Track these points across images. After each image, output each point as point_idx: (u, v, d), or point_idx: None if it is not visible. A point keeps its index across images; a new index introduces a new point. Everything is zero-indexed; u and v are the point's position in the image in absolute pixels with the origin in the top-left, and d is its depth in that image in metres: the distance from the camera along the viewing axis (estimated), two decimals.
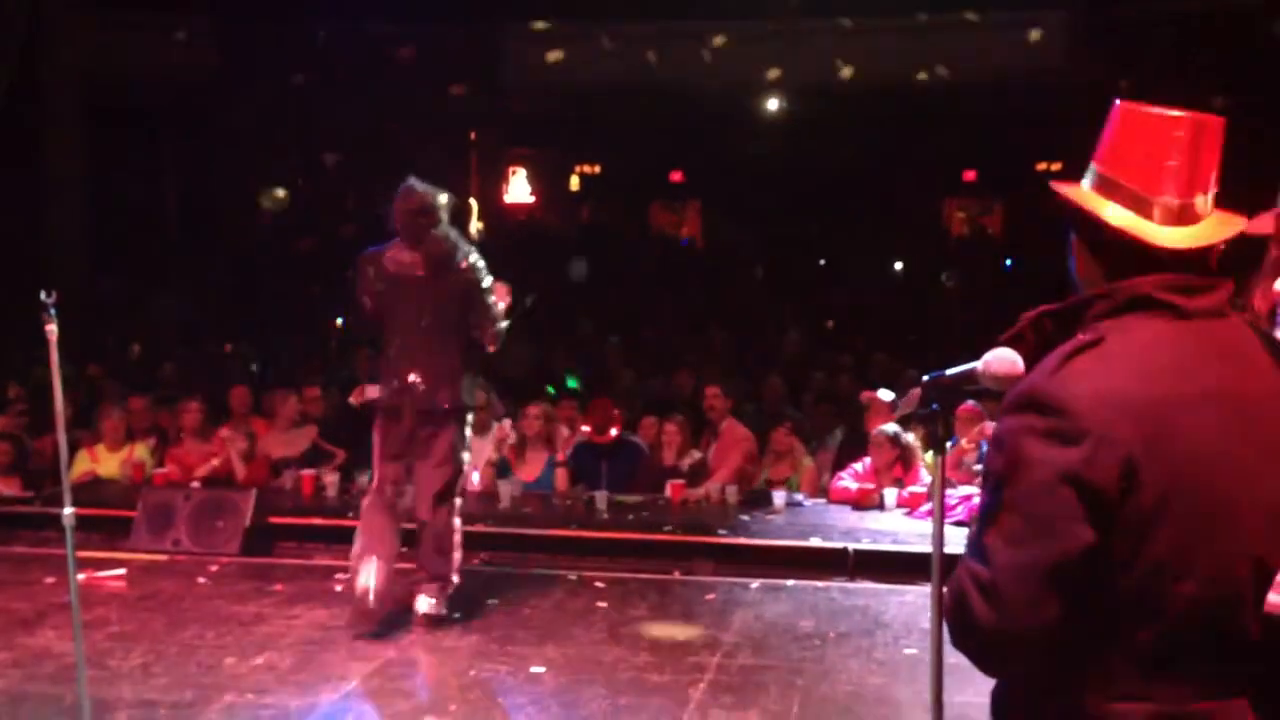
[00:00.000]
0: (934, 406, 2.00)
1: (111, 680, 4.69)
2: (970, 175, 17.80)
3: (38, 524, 6.93)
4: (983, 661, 1.67)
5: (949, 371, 1.95)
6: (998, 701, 1.78)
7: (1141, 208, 1.71)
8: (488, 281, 5.50)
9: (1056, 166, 15.10)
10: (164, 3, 12.71)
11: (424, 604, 5.47)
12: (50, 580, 6.09)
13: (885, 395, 7.78)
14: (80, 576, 5.32)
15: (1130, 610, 1.59)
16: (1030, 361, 1.73)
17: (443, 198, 5.53)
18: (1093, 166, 1.78)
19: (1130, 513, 1.56)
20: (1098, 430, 1.56)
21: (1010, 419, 1.64)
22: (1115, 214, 1.71)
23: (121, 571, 6.39)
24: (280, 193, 12.90)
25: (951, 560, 1.87)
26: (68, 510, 3.86)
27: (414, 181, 5.54)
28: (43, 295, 3.79)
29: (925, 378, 1.99)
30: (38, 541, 6.76)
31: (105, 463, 8.28)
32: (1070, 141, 1.75)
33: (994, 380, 1.80)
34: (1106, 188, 1.74)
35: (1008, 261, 16.01)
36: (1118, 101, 1.79)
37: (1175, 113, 1.73)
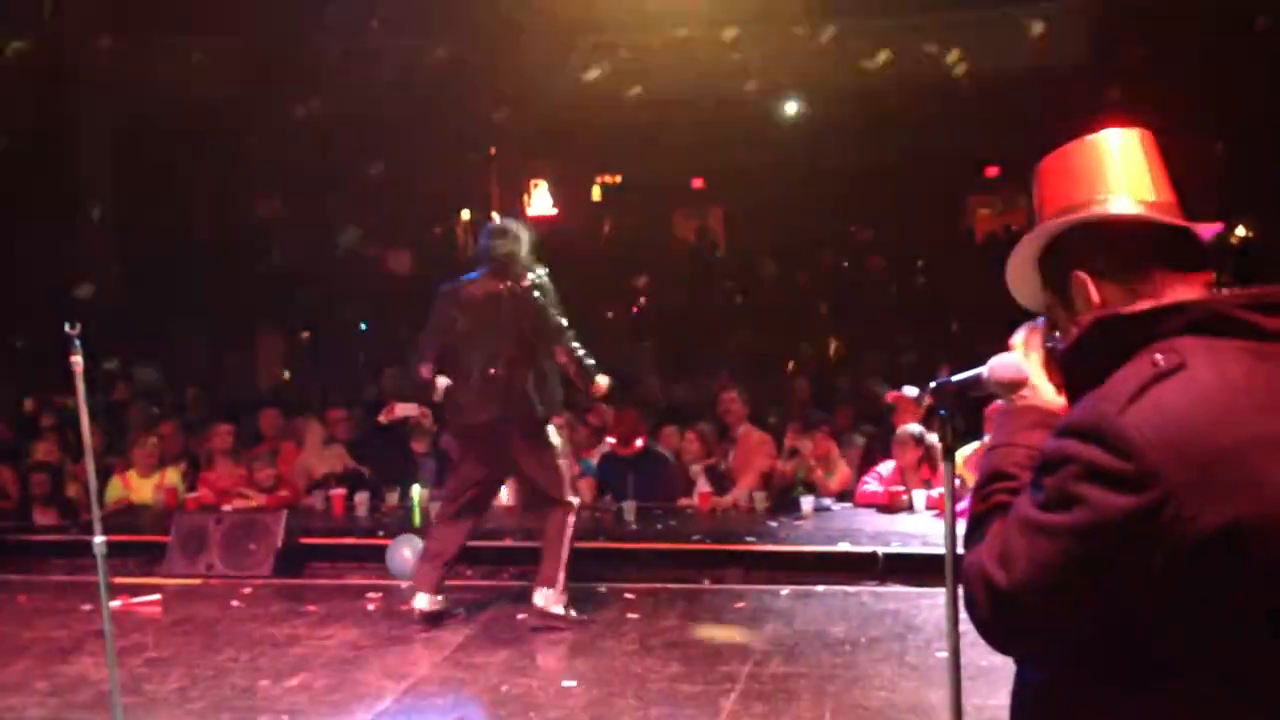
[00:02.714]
0: (942, 412, 1.99)
1: (148, 706, 4.73)
2: (993, 171, 17.70)
3: (73, 552, 7.00)
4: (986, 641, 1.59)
5: (955, 378, 1.94)
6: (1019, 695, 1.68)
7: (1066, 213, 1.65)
8: (551, 300, 5.79)
9: None
10: (187, 26, 12.83)
11: (541, 598, 5.71)
12: (87, 608, 6.15)
13: (911, 393, 7.76)
14: (116, 603, 5.41)
15: (1176, 659, 1.46)
16: (1086, 370, 1.57)
17: (525, 232, 5.89)
18: (1041, 226, 1.69)
19: (1199, 565, 1.41)
20: (1168, 483, 1.40)
21: (1071, 444, 1.48)
22: (1098, 209, 1.63)
23: (156, 596, 6.45)
24: (358, 233, 12.98)
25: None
26: (99, 539, 3.91)
27: (505, 221, 5.99)
28: (67, 328, 3.85)
29: (931, 384, 1.98)
30: (74, 570, 6.84)
31: (138, 489, 8.37)
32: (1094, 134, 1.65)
33: (999, 386, 1.79)
34: (1038, 231, 1.68)
35: None
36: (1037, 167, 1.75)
37: (1091, 135, 1.70)
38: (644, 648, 5.40)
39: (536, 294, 5.72)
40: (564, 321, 5.82)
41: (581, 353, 5.88)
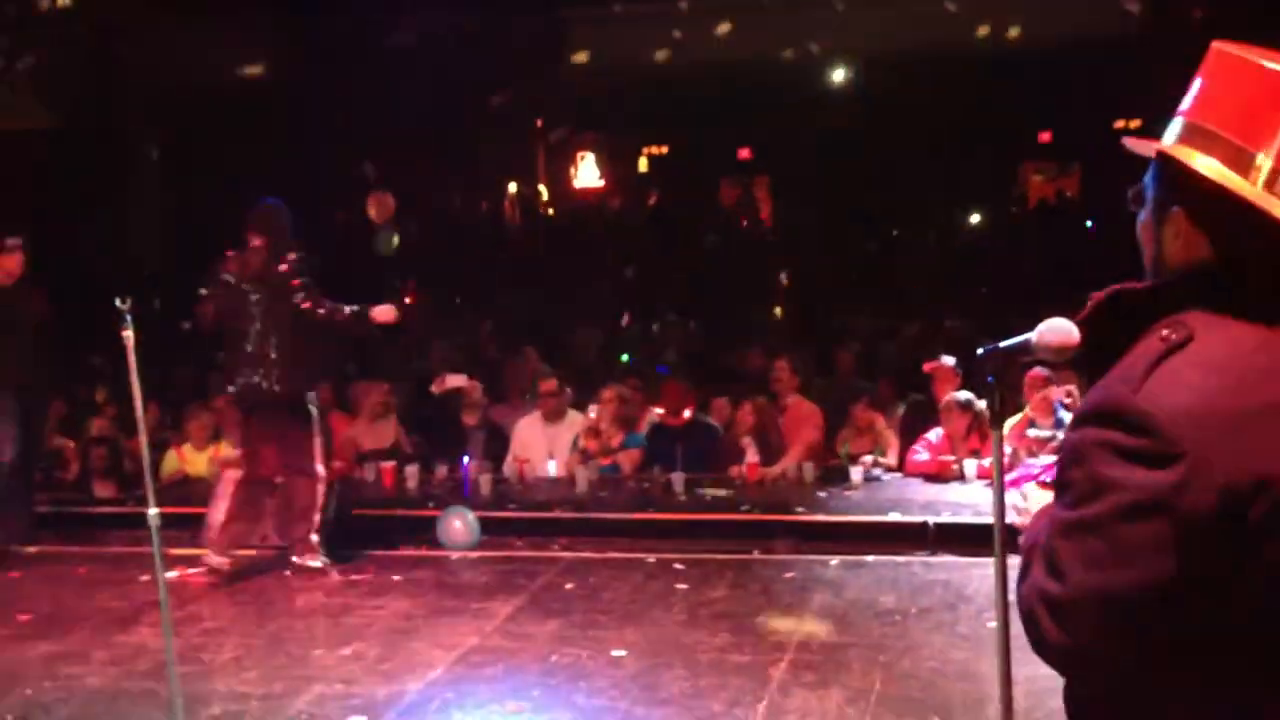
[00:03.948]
0: (990, 379, 1.95)
1: (204, 675, 4.81)
2: (1046, 136, 17.43)
3: (131, 524, 7.10)
4: (1061, 671, 1.53)
5: (1003, 344, 1.90)
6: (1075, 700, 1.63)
7: (1240, 163, 1.48)
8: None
9: (1136, 124, 14.71)
10: (231, 8, 12.91)
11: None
12: (144, 579, 6.26)
13: (949, 361, 7.71)
14: (172, 574, 5.50)
15: (1232, 634, 1.44)
16: (1102, 344, 1.55)
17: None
18: (1179, 119, 1.56)
19: (1236, 537, 1.39)
20: (1193, 452, 1.38)
21: (1091, 431, 1.45)
22: (1207, 165, 1.49)
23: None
24: (395, 239, 13.01)
25: (1017, 531, 1.79)
26: (153, 511, 3.97)
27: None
28: (117, 302, 3.89)
29: (979, 351, 1.95)
30: (132, 541, 6.91)
31: (193, 462, 8.48)
32: (1150, 97, 1.54)
33: (1049, 351, 1.76)
34: (1198, 138, 1.52)
35: (1088, 223, 15.67)
36: (1213, 44, 1.56)
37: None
38: (693, 618, 5.41)
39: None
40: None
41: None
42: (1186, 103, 1.56)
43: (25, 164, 11.39)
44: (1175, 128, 1.55)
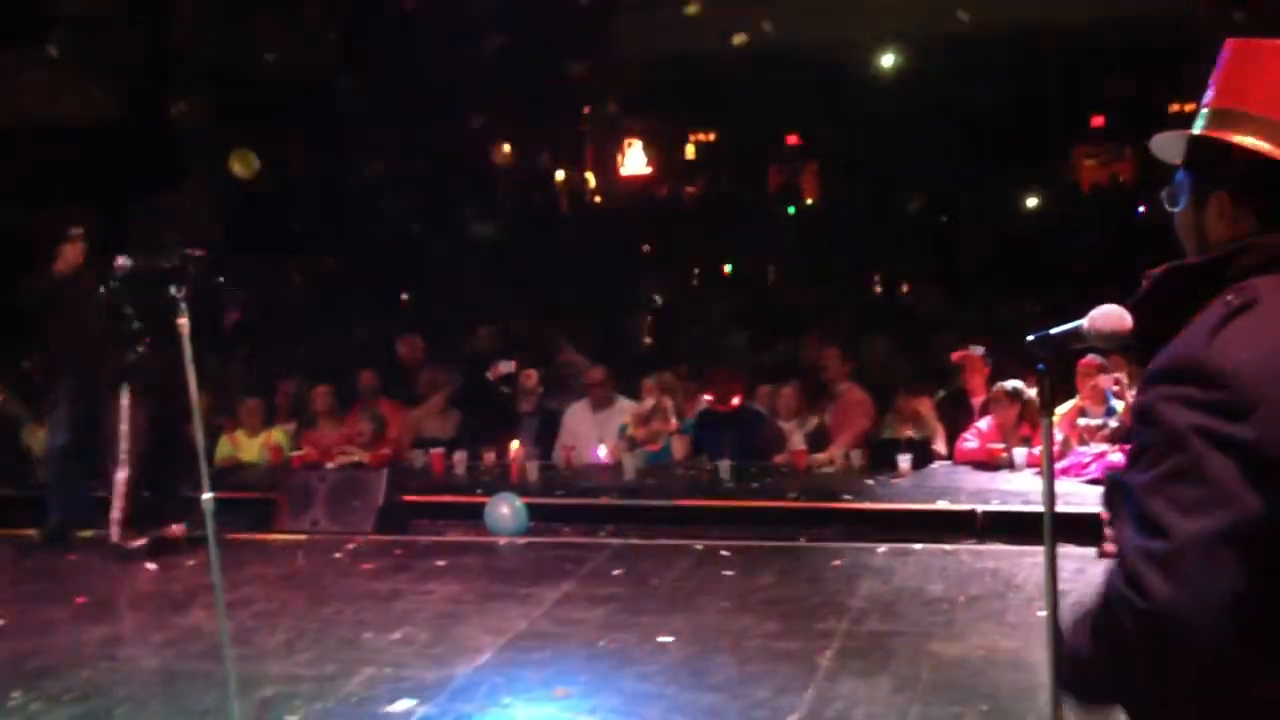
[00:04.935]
0: (1040, 366, 1.93)
1: (257, 657, 4.88)
2: (1099, 121, 17.17)
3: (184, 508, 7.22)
4: (1154, 660, 1.46)
5: (1054, 330, 1.89)
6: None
7: (1276, 136, 1.54)
8: None
9: (1190, 108, 14.47)
10: None
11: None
12: (190, 564, 6.38)
13: (978, 351, 7.65)
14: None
15: None
16: (1158, 323, 1.58)
17: None
18: (1204, 111, 1.62)
19: None
20: (1265, 404, 1.41)
21: (1163, 389, 1.47)
22: (1247, 140, 1.54)
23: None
24: (491, 229, 13.04)
25: (1069, 520, 1.78)
26: (207, 495, 4.03)
27: None
28: (172, 290, 3.95)
29: (1030, 337, 1.93)
30: (186, 525, 7.03)
31: (246, 447, 8.61)
32: (1203, 81, 1.56)
33: (1100, 337, 1.74)
34: (1228, 122, 1.58)
35: (1139, 209, 15.44)
36: (1228, 40, 1.64)
37: None
38: (741, 604, 5.41)
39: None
40: None
41: None
42: (1209, 95, 1.61)
43: (86, 153, 11.56)
44: (1201, 120, 1.61)
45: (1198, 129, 1.62)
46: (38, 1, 11.32)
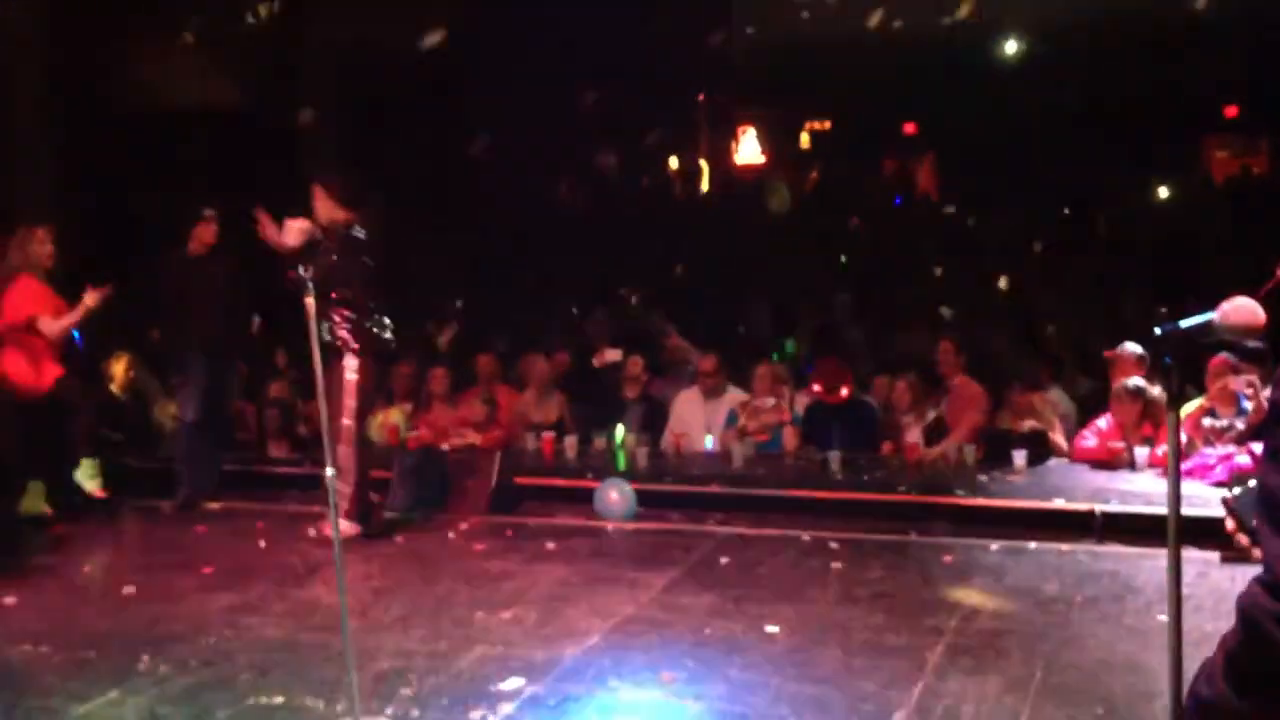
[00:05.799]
0: (1167, 360, 1.88)
1: (373, 631, 5.01)
2: (1232, 111, 16.56)
3: (305, 484, 7.45)
4: None
5: (1183, 323, 1.84)
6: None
7: None
8: None
9: None
10: None
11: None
12: (311, 535, 6.56)
13: (1132, 349, 7.42)
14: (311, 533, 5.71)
15: None
16: None
17: None
18: None
19: None
20: None
21: None
22: None
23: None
24: (786, 193, 13.09)
25: (1192, 522, 1.73)
26: (330, 471, 4.14)
27: None
28: (300, 271, 4.07)
29: (1157, 330, 1.88)
30: (307, 500, 7.26)
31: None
32: None
33: (1232, 331, 1.69)
34: None
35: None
36: None
37: None
38: (848, 597, 5.38)
39: None
40: None
41: None
42: None
43: (217, 140, 11.95)
44: None
45: None
46: None
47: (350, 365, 6.38)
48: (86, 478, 7.59)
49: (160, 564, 6.29)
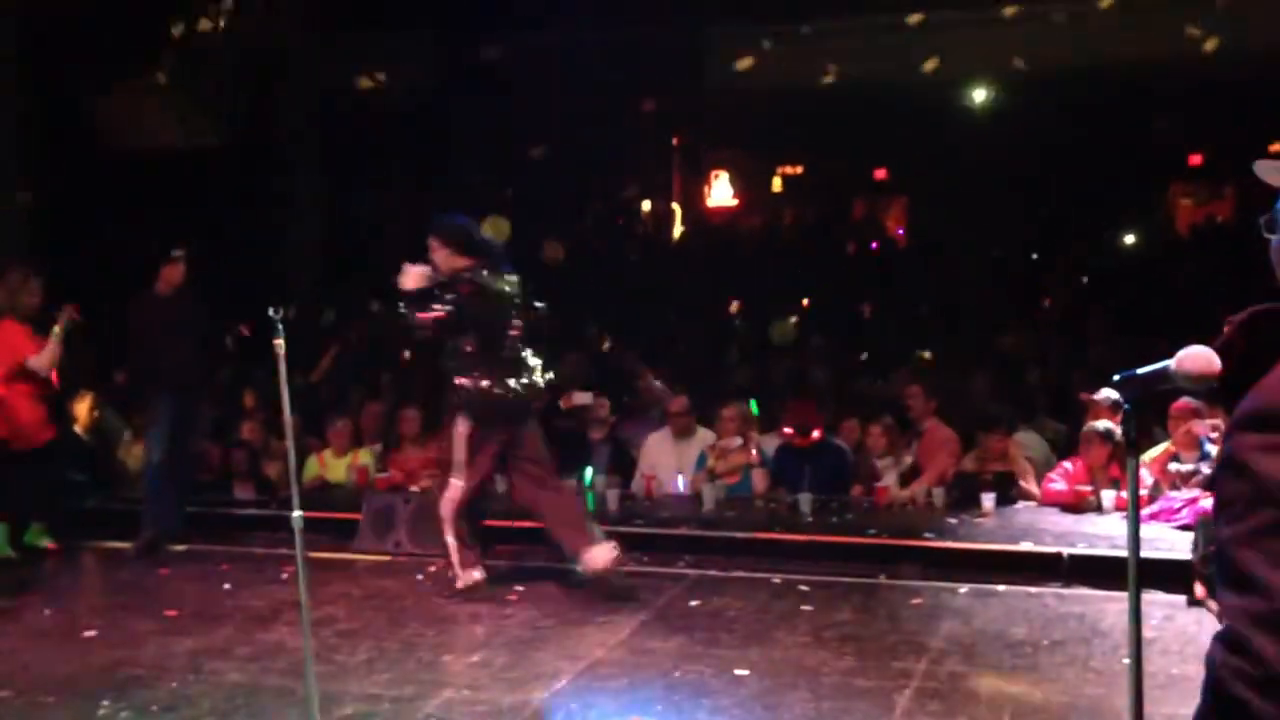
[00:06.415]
0: (1126, 407, 1.91)
1: (339, 674, 4.96)
2: (1197, 159, 16.83)
3: (271, 526, 7.38)
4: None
5: (1140, 371, 1.87)
6: None
7: None
8: None
9: None
10: (389, 22, 13.34)
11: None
12: (283, 578, 6.49)
13: (1107, 393, 7.48)
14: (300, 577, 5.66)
15: None
16: (1242, 368, 1.54)
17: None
18: None
19: None
20: None
21: (1251, 437, 1.41)
22: None
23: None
24: (791, 325, 13.01)
25: (1157, 565, 1.75)
26: (297, 514, 4.11)
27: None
28: (270, 312, 4.05)
29: (1115, 377, 1.91)
30: (273, 543, 7.19)
31: (333, 468, 8.77)
32: None
33: (1188, 379, 1.72)
34: None
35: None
36: None
37: None
38: (817, 640, 5.38)
39: None
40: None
41: None
42: None
43: (187, 179, 11.94)
44: None
45: None
46: (149, 30, 11.73)
47: (462, 421, 6.15)
48: (35, 536, 7.50)
49: (122, 606, 6.22)
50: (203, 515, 7.92)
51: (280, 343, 4.09)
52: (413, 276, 6.11)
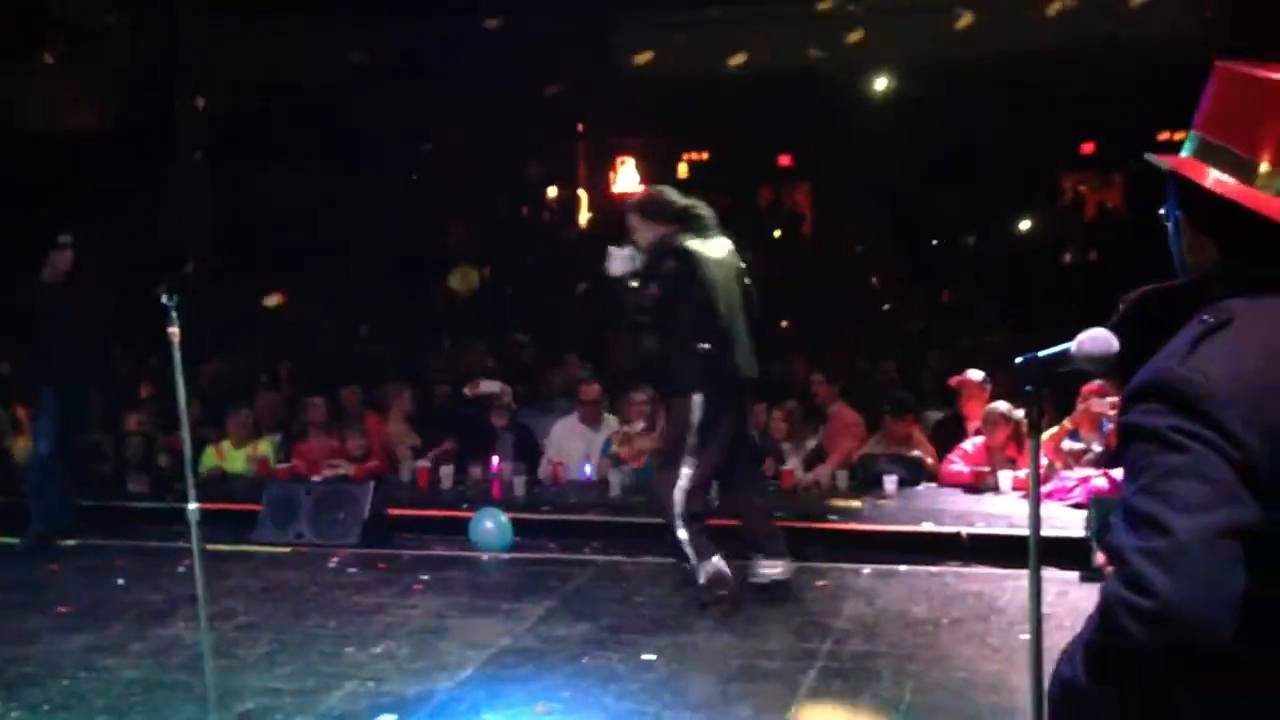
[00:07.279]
0: (1028, 389, 1.94)
1: (239, 669, 4.86)
2: (1088, 147, 17.26)
3: (166, 519, 7.19)
4: (1153, 663, 1.42)
5: (1041, 354, 1.90)
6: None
7: (1244, 173, 1.58)
8: None
9: (1182, 135, 14.49)
10: (290, 6, 13.06)
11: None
12: (179, 572, 6.33)
13: (975, 376, 7.67)
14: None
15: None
16: (1135, 345, 1.61)
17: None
18: (1193, 133, 1.67)
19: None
20: (1239, 416, 1.43)
21: (1141, 405, 1.50)
22: (1216, 179, 1.59)
23: None
24: (474, 275, 12.89)
25: (1052, 543, 1.79)
26: (193, 505, 4.01)
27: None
28: (164, 298, 3.93)
29: (1018, 360, 1.94)
30: (168, 536, 7.00)
31: (231, 459, 8.57)
32: (1193, 107, 1.59)
33: (1088, 361, 1.75)
34: (1205, 151, 1.63)
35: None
36: (1216, 61, 1.68)
37: (1276, 75, 1.59)
38: (723, 624, 5.40)
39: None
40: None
41: None
42: (1197, 117, 1.67)
43: (77, 163, 11.56)
44: (1191, 141, 1.67)
45: (1183, 154, 1.67)
46: (37, 9, 11.33)
47: (695, 401, 5.54)
48: None
49: (11, 603, 6.01)
50: (95, 509, 7.68)
51: (175, 330, 3.97)
52: (618, 260, 5.78)
